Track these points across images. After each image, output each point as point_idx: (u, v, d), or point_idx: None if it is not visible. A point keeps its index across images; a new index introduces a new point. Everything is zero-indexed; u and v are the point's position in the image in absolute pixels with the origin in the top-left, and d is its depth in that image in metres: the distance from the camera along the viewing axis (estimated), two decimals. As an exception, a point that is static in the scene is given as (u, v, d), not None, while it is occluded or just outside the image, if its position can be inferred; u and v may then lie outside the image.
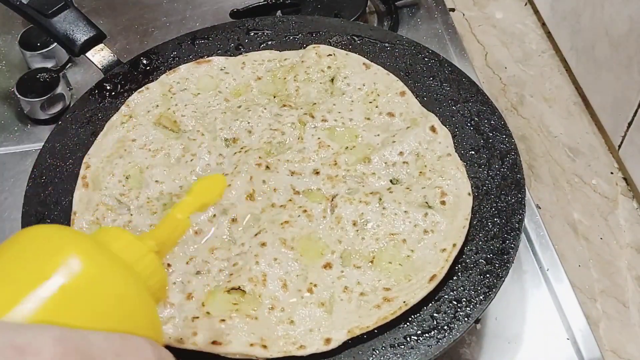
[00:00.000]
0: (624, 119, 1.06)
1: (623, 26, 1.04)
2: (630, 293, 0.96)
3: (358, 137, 0.90)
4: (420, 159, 0.86)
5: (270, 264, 0.77)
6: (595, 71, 1.15)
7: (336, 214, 0.82)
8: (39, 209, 0.85)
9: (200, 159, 0.89)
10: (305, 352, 0.71)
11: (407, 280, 0.76)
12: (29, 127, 1.11)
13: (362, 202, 0.82)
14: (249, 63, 0.99)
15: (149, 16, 1.28)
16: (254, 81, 0.98)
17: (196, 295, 0.76)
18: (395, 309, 0.73)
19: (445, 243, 0.78)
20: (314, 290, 0.76)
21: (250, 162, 0.87)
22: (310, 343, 0.72)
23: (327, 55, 0.98)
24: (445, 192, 0.82)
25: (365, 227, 0.80)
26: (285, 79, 0.97)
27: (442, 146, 0.87)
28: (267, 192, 0.85)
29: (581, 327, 0.85)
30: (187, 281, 0.77)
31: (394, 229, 0.80)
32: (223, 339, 0.71)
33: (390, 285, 0.76)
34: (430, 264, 0.77)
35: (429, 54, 0.99)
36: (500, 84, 1.24)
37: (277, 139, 0.90)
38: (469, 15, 1.35)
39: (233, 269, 0.78)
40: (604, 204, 1.06)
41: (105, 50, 1.02)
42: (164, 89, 0.97)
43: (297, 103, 0.94)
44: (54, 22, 1.00)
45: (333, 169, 0.86)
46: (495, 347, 0.84)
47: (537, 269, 0.91)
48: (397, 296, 0.74)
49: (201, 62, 0.99)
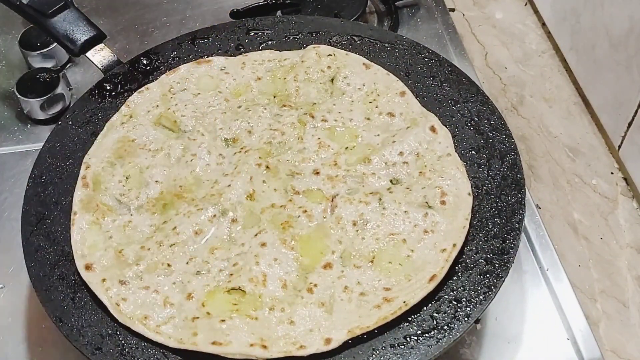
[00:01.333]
0: (624, 119, 1.06)
1: (623, 26, 1.04)
2: (630, 293, 0.96)
3: (358, 137, 0.90)
4: (420, 159, 0.86)
5: (270, 264, 0.77)
6: (595, 71, 1.14)
7: (336, 214, 0.82)
8: (39, 209, 0.86)
9: (200, 159, 0.89)
10: (305, 352, 0.71)
11: (407, 280, 0.76)
12: (29, 127, 1.11)
13: (362, 202, 0.82)
14: (249, 63, 0.99)
15: (149, 16, 1.28)
16: (254, 81, 0.98)
17: (196, 295, 0.76)
18: (395, 309, 0.73)
19: (445, 243, 0.78)
20: (314, 290, 0.76)
21: (250, 162, 0.87)
22: (310, 343, 0.72)
23: (327, 55, 0.98)
24: (445, 192, 0.82)
25: (365, 227, 0.80)
26: (285, 79, 0.97)
27: (442, 146, 0.87)
28: (267, 192, 0.85)
29: (581, 327, 0.85)
30: (187, 281, 0.77)
31: (394, 229, 0.80)
32: (223, 339, 0.71)
33: (391, 285, 0.76)
34: (430, 264, 0.77)
35: (429, 54, 0.99)
36: (500, 84, 1.23)
37: (277, 139, 0.90)
38: (469, 15, 1.35)
39: (233, 269, 0.78)
40: (604, 204, 1.06)
41: (105, 50, 1.02)
42: (164, 89, 0.97)
43: (297, 103, 0.94)
44: (54, 22, 1.00)
45: (333, 169, 0.86)
46: (495, 347, 0.84)
47: (537, 269, 0.91)
48: (397, 296, 0.74)
49: (201, 62, 0.99)
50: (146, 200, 0.85)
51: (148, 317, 0.75)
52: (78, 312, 0.77)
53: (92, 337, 0.75)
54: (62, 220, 0.85)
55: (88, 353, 0.74)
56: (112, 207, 0.85)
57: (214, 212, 0.82)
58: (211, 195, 0.85)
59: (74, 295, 0.78)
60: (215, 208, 0.83)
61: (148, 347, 0.74)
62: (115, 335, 0.75)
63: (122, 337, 0.75)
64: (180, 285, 0.77)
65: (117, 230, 0.83)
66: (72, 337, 0.75)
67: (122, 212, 0.85)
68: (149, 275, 0.78)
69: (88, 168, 0.88)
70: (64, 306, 0.77)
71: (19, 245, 0.83)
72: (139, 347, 0.74)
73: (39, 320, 0.88)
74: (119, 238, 0.82)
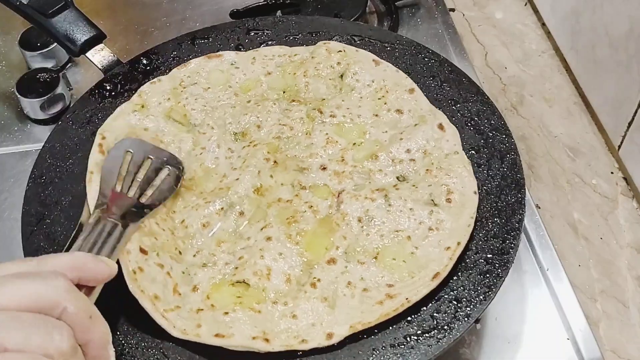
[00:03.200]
0: (624, 118, 1.06)
1: (623, 26, 1.04)
2: (631, 293, 0.96)
3: (366, 134, 0.90)
4: (427, 157, 0.86)
5: (275, 259, 0.77)
6: (595, 71, 1.15)
7: (342, 209, 0.82)
8: (39, 209, 0.85)
9: (209, 152, 0.89)
10: (306, 346, 0.71)
11: (410, 277, 0.76)
12: (29, 127, 1.11)
13: (368, 198, 0.82)
14: (260, 58, 0.99)
15: (148, 16, 1.28)
16: (263, 76, 0.98)
17: (201, 287, 0.76)
18: (397, 306, 0.73)
19: (449, 241, 0.78)
20: (318, 285, 0.76)
21: (258, 156, 0.87)
22: (312, 337, 0.72)
23: (337, 52, 0.98)
24: (451, 190, 0.82)
25: (371, 224, 0.80)
26: (295, 74, 0.97)
27: (450, 144, 0.87)
28: (274, 187, 0.85)
29: (581, 327, 0.85)
30: (194, 273, 0.77)
31: (399, 225, 0.80)
32: (226, 332, 0.72)
33: (394, 281, 0.76)
34: (434, 261, 0.77)
35: (429, 54, 0.99)
36: (500, 84, 1.24)
37: (285, 134, 0.90)
38: (469, 15, 1.35)
39: (238, 262, 0.78)
40: (604, 204, 1.06)
41: (105, 50, 1.02)
42: (175, 82, 0.97)
43: (306, 99, 0.95)
44: (54, 22, 1.00)
45: (340, 165, 0.86)
46: (495, 347, 0.84)
47: (537, 269, 0.91)
48: (400, 293, 0.74)
49: (212, 56, 0.99)
50: None
51: (158, 298, 0.74)
52: (78, 312, 0.77)
53: (92, 337, 0.75)
54: (62, 221, 0.85)
55: (88, 353, 0.74)
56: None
57: (221, 205, 0.82)
58: (219, 189, 0.85)
59: (74, 295, 0.78)
60: (223, 201, 0.83)
61: (148, 348, 0.74)
62: (114, 336, 0.75)
63: (122, 338, 0.75)
64: (187, 277, 0.77)
65: None
66: (72, 337, 0.75)
67: None
68: (163, 254, 0.78)
69: (104, 139, 0.88)
70: (64, 306, 0.77)
71: (19, 245, 0.82)
72: (139, 348, 0.74)
73: (39, 320, 0.88)
74: None
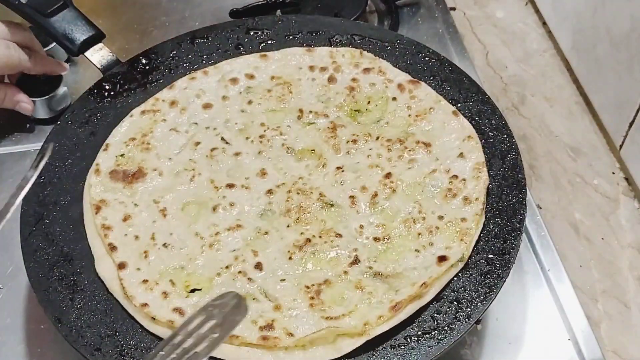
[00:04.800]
0: (626, 118, 1.06)
1: (624, 25, 1.04)
2: (632, 293, 0.96)
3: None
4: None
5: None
6: (596, 71, 1.14)
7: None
8: (37, 209, 0.85)
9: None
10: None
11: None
12: (28, 127, 1.11)
13: None
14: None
15: (148, 16, 1.28)
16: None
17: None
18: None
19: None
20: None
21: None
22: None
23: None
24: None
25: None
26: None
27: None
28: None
29: (582, 328, 0.85)
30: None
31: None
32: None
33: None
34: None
35: (429, 53, 0.99)
36: (501, 83, 1.23)
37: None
38: (470, 14, 1.35)
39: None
40: (605, 204, 1.06)
41: (104, 49, 1.01)
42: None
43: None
44: (53, 21, 1.00)
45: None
46: (496, 347, 0.84)
47: (538, 270, 0.91)
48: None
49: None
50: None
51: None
52: (77, 313, 0.77)
53: (91, 337, 0.75)
54: (61, 221, 0.85)
55: (87, 354, 0.73)
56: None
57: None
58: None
59: (72, 296, 0.78)
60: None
61: (148, 348, 0.74)
62: (114, 336, 0.75)
63: (121, 338, 0.75)
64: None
65: None
66: (70, 337, 0.75)
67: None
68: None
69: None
70: (63, 307, 0.77)
71: (18, 245, 0.83)
72: (138, 348, 0.74)
73: (37, 321, 0.88)
74: None
